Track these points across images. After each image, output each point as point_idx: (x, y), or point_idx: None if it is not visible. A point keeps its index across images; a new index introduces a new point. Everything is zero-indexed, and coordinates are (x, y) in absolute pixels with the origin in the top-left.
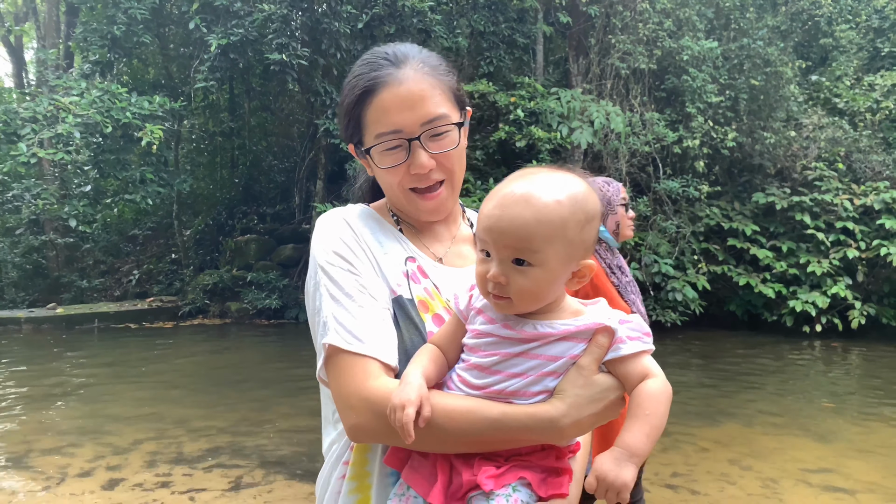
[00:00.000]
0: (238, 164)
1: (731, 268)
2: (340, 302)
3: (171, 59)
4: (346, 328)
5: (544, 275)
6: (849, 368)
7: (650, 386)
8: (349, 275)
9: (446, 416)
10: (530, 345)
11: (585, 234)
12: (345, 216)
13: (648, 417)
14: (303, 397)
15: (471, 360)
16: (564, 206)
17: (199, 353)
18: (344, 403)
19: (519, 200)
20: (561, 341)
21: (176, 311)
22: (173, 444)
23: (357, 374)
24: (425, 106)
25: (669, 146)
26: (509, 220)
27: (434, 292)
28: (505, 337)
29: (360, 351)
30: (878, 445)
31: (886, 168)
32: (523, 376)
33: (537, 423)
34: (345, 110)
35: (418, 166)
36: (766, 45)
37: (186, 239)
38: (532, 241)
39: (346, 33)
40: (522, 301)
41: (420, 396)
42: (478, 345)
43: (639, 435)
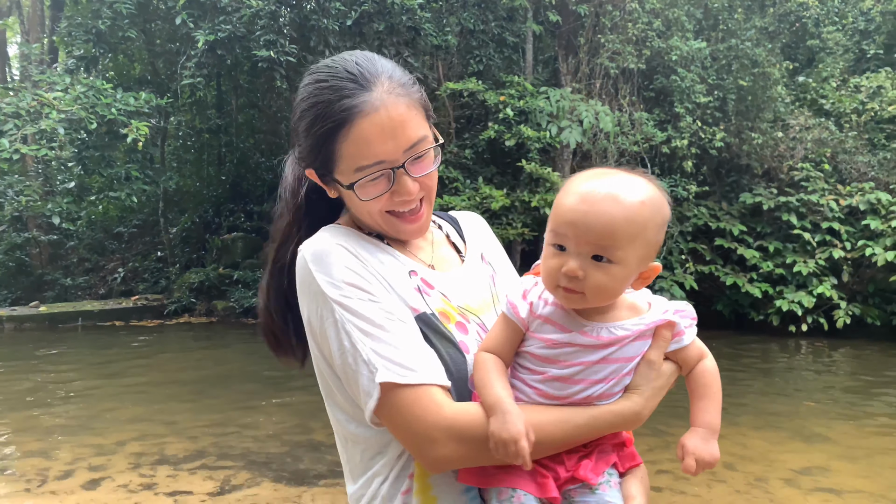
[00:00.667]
0: (225, 162)
1: (718, 267)
2: (375, 336)
3: (157, 54)
4: (394, 361)
5: (622, 272)
6: (834, 368)
7: (709, 366)
8: (371, 304)
9: (538, 431)
10: (610, 349)
11: (659, 237)
12: (339, 242)
13: (716, 395)
14: (289, 398)
15: (549, 371)
16: (647, 208)
17: (185, 352)
18: (424, 438)
19: (606, 198)
20: (635, 341)
21: (161, 309)
22: (157, 445)
23: (426, 405)
24: (406, 132)
25: (658, 146)
26: (597, 215)
27: (445, 301)
28: (585, 345)
29: (418, 381)
30: (865, 446)
31: (871, 169)
32: (605, 381)
33: (623, 420)
34: (313, 139)
35: (405, 193)
36: (753, 45)
37: (172, 237)
38: (617, 238)
39: (334, 30)
40: (597, 296)
41: (526, 425)
42: (556, 356)
43: (714, 413)
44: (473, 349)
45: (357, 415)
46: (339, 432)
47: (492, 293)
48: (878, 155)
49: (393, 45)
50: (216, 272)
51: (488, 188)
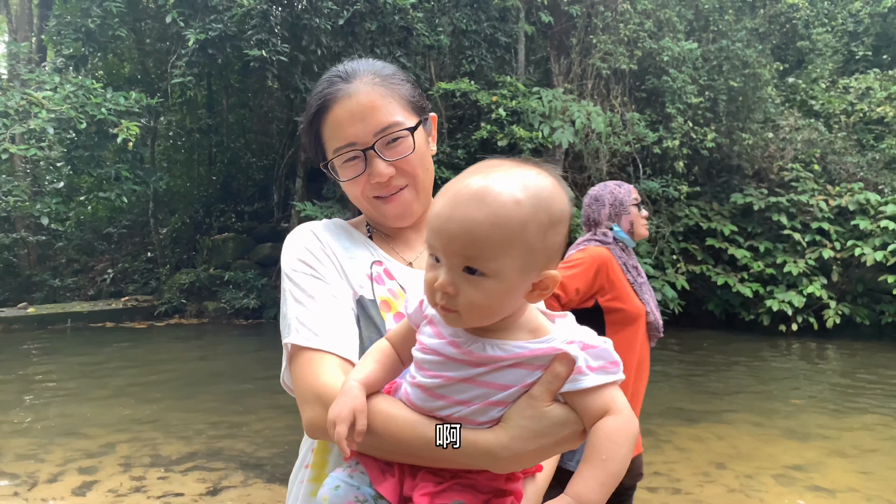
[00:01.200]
0: (216, 162)
1: (709, 267)
2: (303, 303)
3: (147, 53)
4: (307, 326)
5: (498, 287)
6: (824, 367)
7: (610, 426)
8: (311, 279)
9: (385, 426)
10: (478, 370)
11: (549, 240)
12: (311, 228)
13: (605, 463)
14: (281, 399)
15: (416, 377)
16: (524, 207)
17: (175, 353)
18: (301, 398)
19: (472, 198)
20: (513, 368)
21: (151, 310)
22: (148, 447)
23: (313, 369)
24: (376, 116)
25: (649, 146)
26: (460, 221)
27: (399, 292)
28: (450, 357)
29: (317, 346)
30: (855, 444)
31: (860, 169)
32: (468, 404)
33: (474, 451)
34: (304, 130)
35: (377, 175)
36: (744, 46)
37: (163, 237)
38: (485, 247)
39: (326, 30)
40: (472, 315)
41: (353, 410)
42: (423, 361)
43: (592, 483)
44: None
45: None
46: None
47: None
48: (866, 155)
49: (385, 45)
50: (207, 273)
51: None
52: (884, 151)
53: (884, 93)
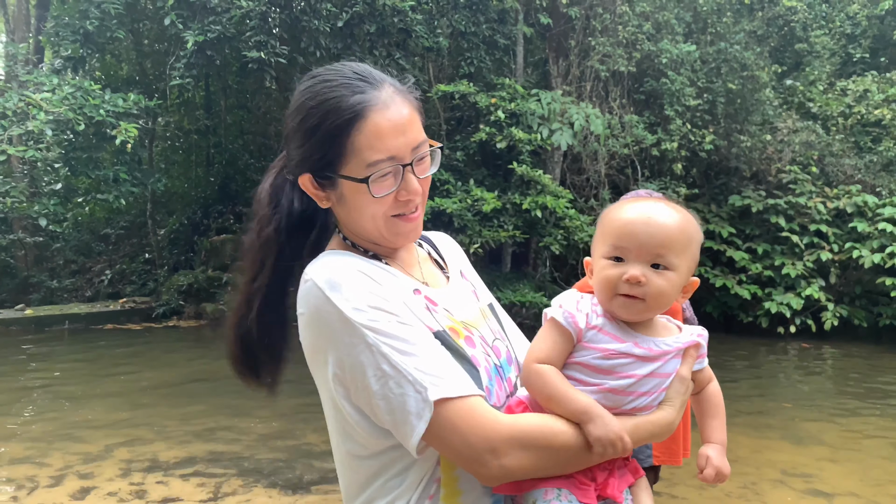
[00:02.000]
0: (214, 163)
1: (707, 269)
2: (414, 354)
3: (146, 55)
4: (439, 376)
5: (678, 279)
6: (822, 370)
7: (717, 389)
8: (400, 325)
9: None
10: (657, 364)
11: (698, 255)
12: (354, 266)
13: (724, 415)
14: (280, 403)
15: (606, 383)
16: (692, 225)
17: (174, 355)
18: (484, 448)
19: (661, 211)
20: (674, 358)
21: (149, 312)
22: (147, 451)
23: (482, 415)
24: (413, 131)
25: (648, 148)
26: (657, 226)
27: (451, 317)
28: (639, 356)
29: (467, 392)
30: (855, 448)
31: (858, 172)
32: (648, 394)
33: (661, 430)
34: (322, 136)
35: (411, 192)
36: (742, 49)
37: (160, 238)
38: (675, 245)
39: (325, 32)
40: (657, 302)
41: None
42: (612, 367)
43: (723, 431)
44: (483, 363)
45: (378, 448)
46: (351, 469)
47: (479, 308)
48: (864, 158)
49: (384, 47)
50: (205, 274)
51: (479, 190)
52: (881, 153)
53: (881, 95)
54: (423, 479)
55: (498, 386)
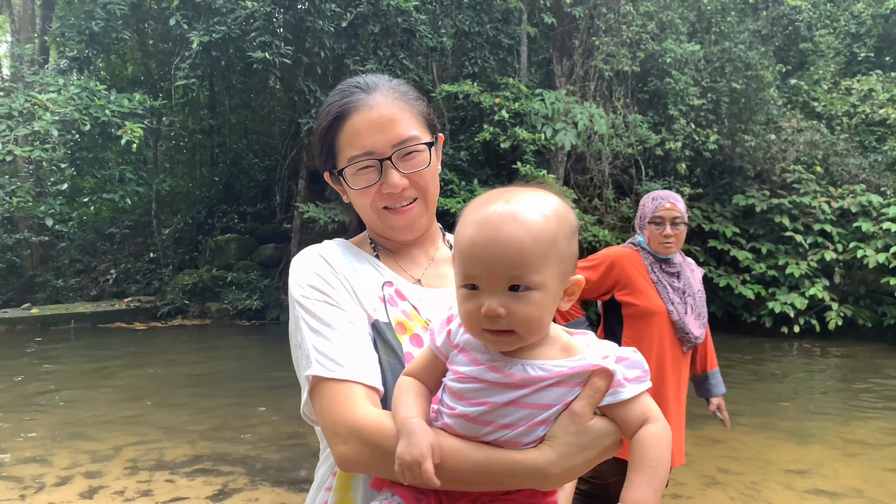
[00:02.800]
0: (218, 163)
1: (711, 269)
2: (320, 332)
3: (150, 55)
4: (328, 356)
5: (544, 297)
6: (826, 369)
7: (651, 433)
8: (326, 305)
9: (444, 457)
10: (521, 391)
11: (573, 248)
12: (319, 251)
13: (655, 470)
14: (286, 401)
15: (457, 408)
16: (552, 221)
17: (179, 354)
18: (330, 432)
19: (507, 220)
20: (554, 387)
21: (154, 311)
22: (154, 450)
23: (342, 401)
24: (395, 128)
25: (652, 148)
26: (502, 242)
27: (413, 313)
28: (493, 382)
29: (342, 377)
30: (859, 448)
31: (862, 171)
32: (513, 427)
33: (524, 471)
34: (318, 136)
35: (391, 185)
36: (747, 48)
37: (165, 238)
38: (529, 261)
39: (329, 32)
40: (528, 331)
41: (431, 446)
42: (462, 391)
43: (647, 490)
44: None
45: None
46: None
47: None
48: (868, 157)
49: (388, 47)
50: (209, 274)
51: (483, 190)
52: (886, 153)
53: (886, 94)
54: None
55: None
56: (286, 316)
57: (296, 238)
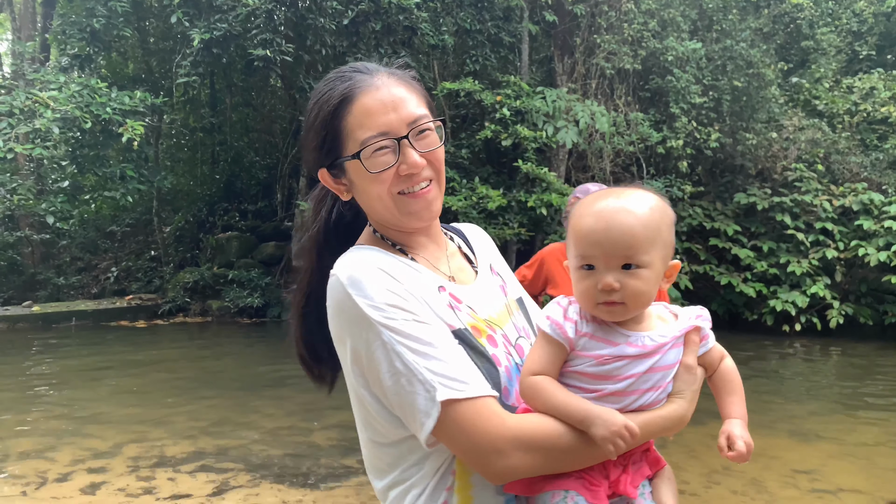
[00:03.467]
0: (219, 161)
1: (712, 267)
2: (427, 354)
3: (152, 52)
4: (449, 377)
5: (652, 274)
6: (827, 367)
7: (731, 365)
8: (416, 324)
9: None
10: (655, 358)
11: (672, 236)
12: (375, 264)
13: (741, 390)
14: (287, 398)
15: (605, 388)
16: (657, 213)
17: (180, 351)
18: (490, 450)
19: (620, 211)
20: (672, 349)
21: (156, 309)
22: (156, 447)
23: (489, 417)
24: (407, 107)
25: (653, 146)
26: (618, 229)
27: (474, 315)
28: (633, 356)
29: (476, 394)
30: (860, 445)
31: (864, 170)
32: (654, 389)
33: (672, 424)
34: (320, 124)
35: (411, 165)
36: (748, 46)
37: (166, 236)
38: (640, 244)
39: (331, 29)
40: (636, 302)
41: (626, 420)
42: (608, 371)
43: (742, 406)
44: (504, 362)
45: (396, 437)
46: (374, 455)
47: (505, 304)
48: (870, 156)
49: (389, 45)
50: (210, 271)
51: (485, 188)
52: (888, 151)
53: (888, 93)
54: (441, 469)
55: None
56: (288, 314)
57: (297, 236)
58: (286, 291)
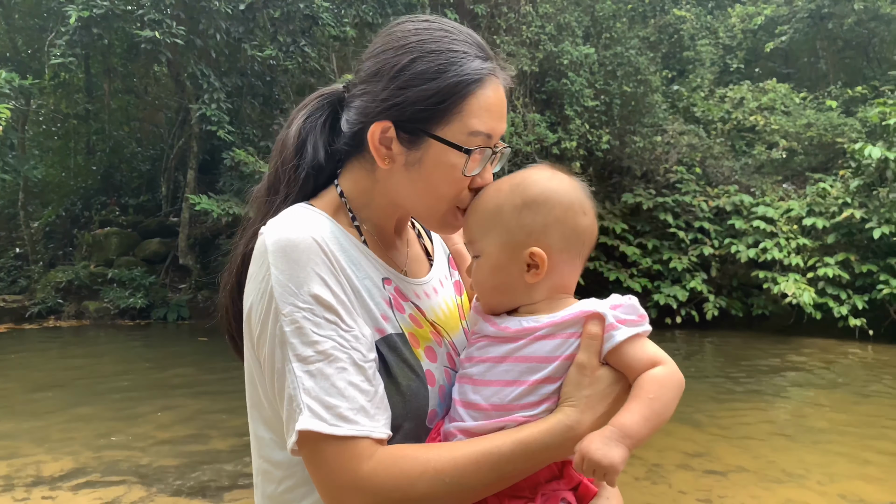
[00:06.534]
0: (95, 151)
1: (602, 264)
2: (316, 369)
3: (18, 29)
4: (327, 405)
5: (487, 263)
6: (705, 356)
7: (656, 371)
8: (328, 327)
9: (458, 471)
10: (516, 343)
11: (525, 219)
12: (314, 236)
13: (651, 401)
14: (178, 405)
15: (466, 370)
16: (501, 193)
17: (52, 358)
18: (334, 494)
19: (481, 196)
20: (549, 338)
21: (22, 311)
22: (30, 465)
23: (346, 460)
24: (504, 121)
25: (549, 147)
26: (468, 214)
27: (419, 317)
28: (491, 337)
29: (346, 434)
30: (740, 426)
31: (735, 173)
32: (517, 384)
33: (555, 438)
34: (442, 85)
35: (486, 182)
36: (637, 54)
37: (34, 231)
38: (472, 231)
39: (225, 13)
40: (480, 292)
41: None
42: (472, 352)
43: (636, 416)
44: (439, 380)
45: (283, 437)
46: (259, 452)
47: (458, 305)
48: (740, 160)
49: (289, 34)
50: (87, 270)
51: None
52: (755, 157)
53: (755, 103)
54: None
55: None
56: (173, 315)
57: (184, 232)
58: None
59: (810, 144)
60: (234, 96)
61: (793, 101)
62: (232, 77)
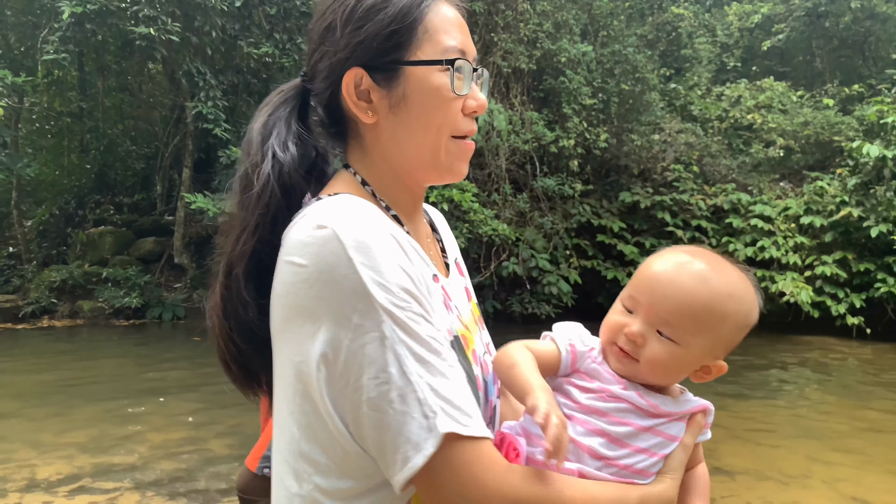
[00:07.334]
0: (90, 149)
1: (599, 262)
2: (433, 367)
3: (10, 26)
4: (454, 403)
5: (682, 355)
6: None
7: (704, 471)
8: (425, 323)
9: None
10: (658, 420)
11: (735, 338)
12: (386, 228)
13: (708, 498)
14: (174, 406)
15: (598, 424)
16: (732, 303)
17: (46, 359)
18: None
19: (695, 276)
20: (678, 421)
21: (16, 311)
22: (24, 469)
23: (489, 466)
24: (472, 42)
25: (546, 145)
26: (678, 291)
27: (462, 320)
28: (639, 407)
29: (478, 434)
30: (740, 425)
31: (732, 172)
32: (648, 453)
33: (662, 501)
34: (395, 9)
35: (479, 102)
36: (634, 52)
37: (27, 230)
38: (690, 322)
39: (221, 10)
40: (651, 370)
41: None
42: (608, 409)
43: None
44: (480, 386)
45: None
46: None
47: (470, 310)
48: (737, 159)
49: (285, 31)
50: (81, 269)
51: None
52: (752, 155)
53: (752, 101)
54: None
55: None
56: (168, 314)
57: (179, 231)
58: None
59: (807, 143)
60: (230, 94)
61: (790, 100)
62: (228, 74)
